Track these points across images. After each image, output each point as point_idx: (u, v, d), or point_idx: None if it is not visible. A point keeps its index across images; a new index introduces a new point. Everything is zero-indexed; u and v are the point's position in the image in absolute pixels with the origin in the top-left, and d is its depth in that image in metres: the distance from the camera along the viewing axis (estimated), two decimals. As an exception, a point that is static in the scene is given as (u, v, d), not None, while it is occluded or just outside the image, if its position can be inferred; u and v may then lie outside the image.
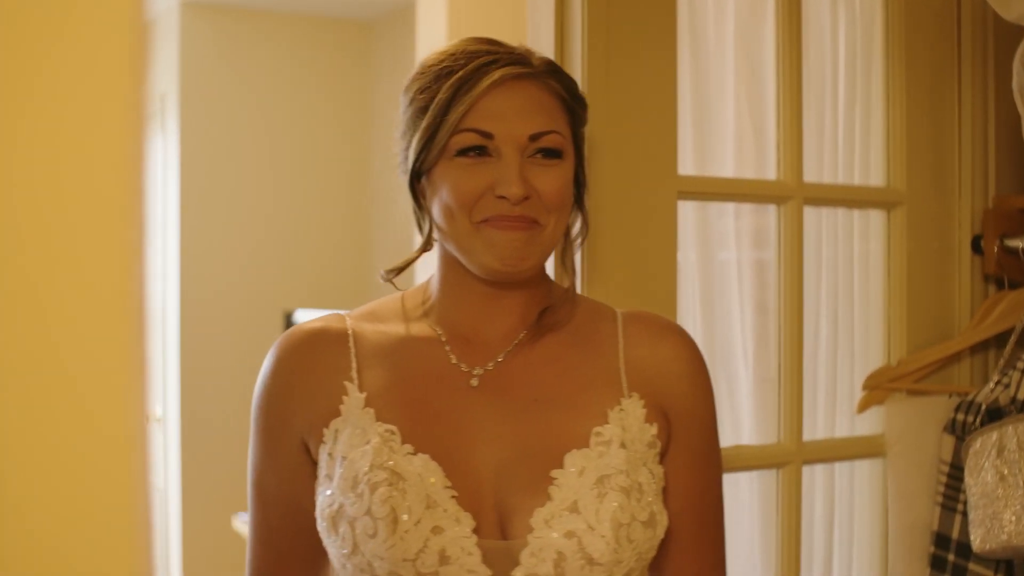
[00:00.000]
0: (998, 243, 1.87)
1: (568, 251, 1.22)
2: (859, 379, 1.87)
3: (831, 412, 1.89)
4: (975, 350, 1.91)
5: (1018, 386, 1.69)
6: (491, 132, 1.12)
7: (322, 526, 1.12)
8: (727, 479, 1.38)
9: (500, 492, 1.12)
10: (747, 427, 1.83)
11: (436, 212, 1.16)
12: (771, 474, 1.78)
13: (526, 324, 1.20)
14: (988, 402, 1.71)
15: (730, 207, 1.84)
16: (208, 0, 4.28)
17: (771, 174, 1.79)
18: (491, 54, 1.14)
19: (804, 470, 1.79)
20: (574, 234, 1.23)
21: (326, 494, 1.12)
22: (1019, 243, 1.86)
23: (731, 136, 1.82)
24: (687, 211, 1.75)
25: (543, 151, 1.14)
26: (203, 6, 4.28)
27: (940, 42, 1.92)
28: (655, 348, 1.21)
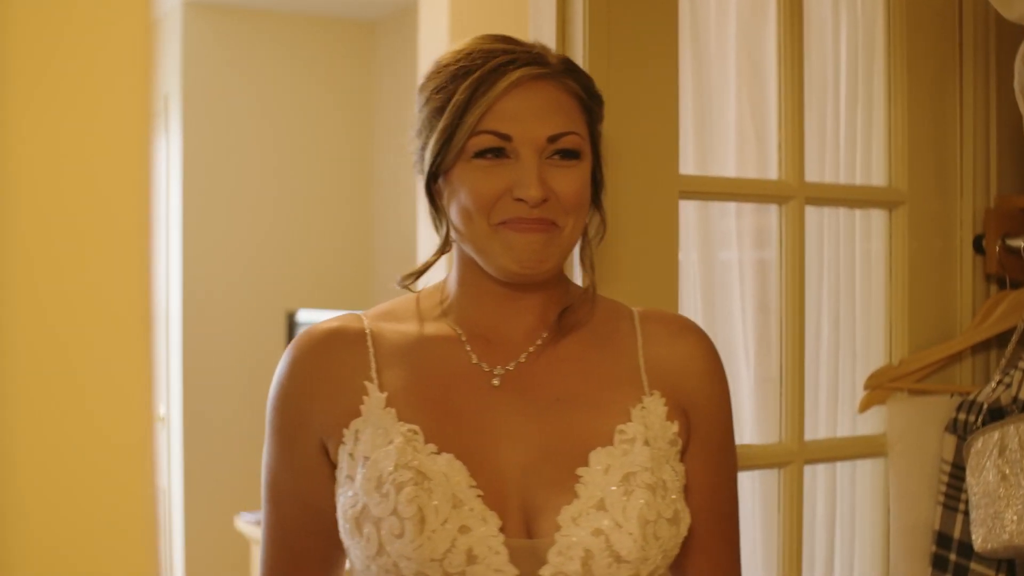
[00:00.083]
0: (1000, 243, 1.87)
1: (587, 250, 1.22)
2: (860, 379, 1.87)
3: (833, 412, 1.89)
4: (976, 350, 1.91)
5: (1019, 386, 1.69)
6: (509, 134, 1.12)
7: (345, 528, 1.11)
8: (728, 478, 1.39)
9: (525, 491, 1.11)
10: (748, 427, 1.83)
11: (454, 214, 1.15)
12: (773, 474, 1.78)
13: (545, 324, 1.20)
14: (990, 402, 1.71)
15: (731, 207, 1.84)
16: (211, 0, 4.28)
17: (773, 174, 1.79)
18: (508, 53, 1.13)
19: (806, 470, 1.79)
20: (592, 233, 1.22)
21: (348, 495, 1.11)
22: (1021, 243, 1.85)
23: (733, 135, 1.82)
24: (688, 211, 1.75)
25: (561, 152, 1.14)
26: (205, 6, 4.28)
27: (942, 42, 1.92)
28: (674, 346, 1.22)
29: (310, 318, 3.99)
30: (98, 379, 0.45)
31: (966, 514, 1.72)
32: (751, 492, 1.83)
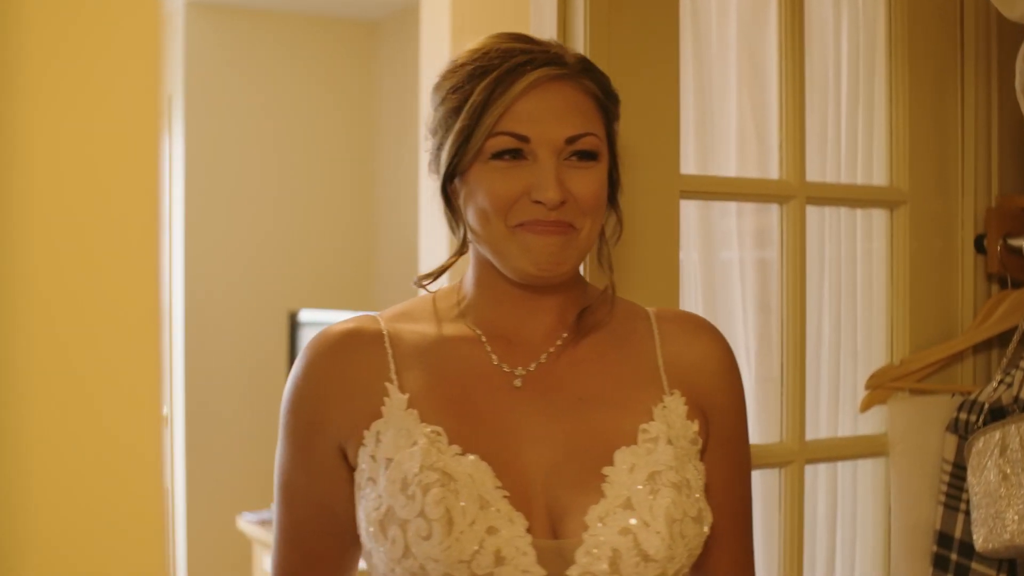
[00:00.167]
0: (1001, 242, 1.87)
1: (604, 250, 1.21)
2: (862, 378, 1.87)
3: (834, 411, 1.89)
4: (978, 349, 1.91)
5: (1021, 385, 1.69)
6: (527, 136, 1.11)
7: (369, 531, 1.10)
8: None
9: (551, 491, 1.11)
10: (750, 426, 1.83)
11: (470, 215, 1.15)
12: (774, 473, 1.78)
13: (565, 324, 1.20)
14: (991, 401, 1.71)
15: (732, 206, 1.84)
16: (212, 0, 4.28)
17: (774, 173, 1.79)
18: (526, 53, 1.13)
19: (807, 469, 1.79)
20: (608, 233, 1.22)
21: (372, 497, 1.11)
22: (1022, 242, 1.86)
23: (733, 135, 1.82)
24: (689, 210, 1.75)
25: (579, 153, 1.13)
26: (207, 6, 4.29)
27: (943, 41, 1.92)
28: (691, 345, 1.23)
29: (312, 318, 3.99)
30: (106, 380, 0.45)
31: (967, 514, 1.72)
32: (752, 492, 1.83)
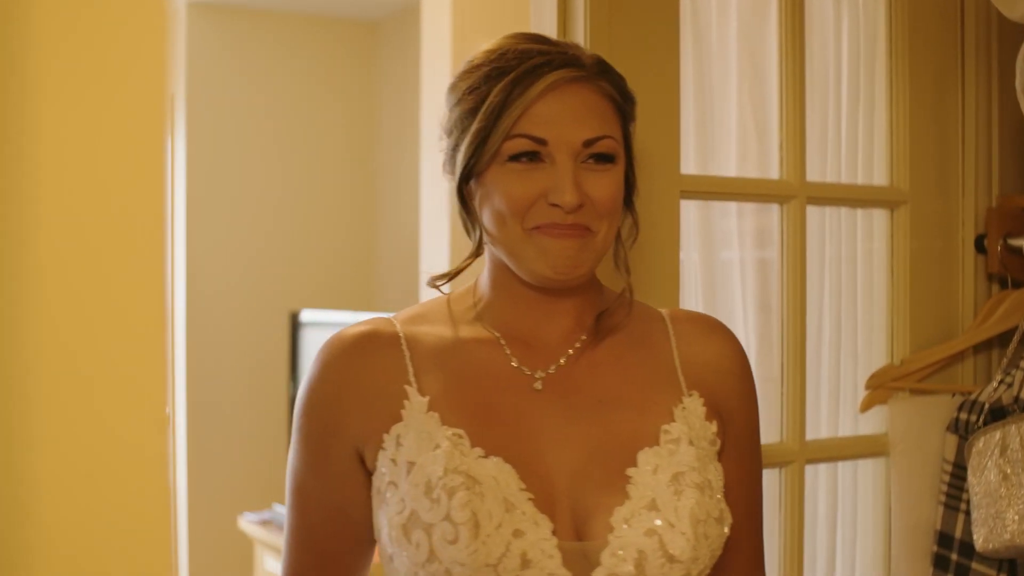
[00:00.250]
0: (1001, 242, 1.87)
1: (620, 252, 1.21)
2: (862, 378, 1.87)
3: (834, 411, 1.89)
4: (978, 349, 1.91)
5: (1021, 385, 1.70)
6: (545, 138, 1.11)
7: (392, 535, 1.09)
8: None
9: (574, 493, 1.11)
10: (750, 426, 1.83)
11: (487, 217, 1.14)
12: (774, 473, 1.78)
13: (582, 326, 1.20)
14: (991, 401, 1.71)
15: (733, 206, 1.84)
16: (214, 1, 4.29)
17: (774, 173, 1.79)
18: (543, 55, 1.12)
19: (807, 469, 1.79)
20: (624, 235, 1.21)
21: (394, 501, 1.10)
22: (1022, 242, 1.86)
23: (734, 135, 1.83)
24: (690, 210, 1.75)
25: (596, 156, 1.13)
26: (208, 6, 4.29)
27: (943, 41, 1.92)
28: (706, 346, 1.23)
29: (313, 318, 3.99)
30: (113, 382, 0.46)
31: (967, 514, 1.72)
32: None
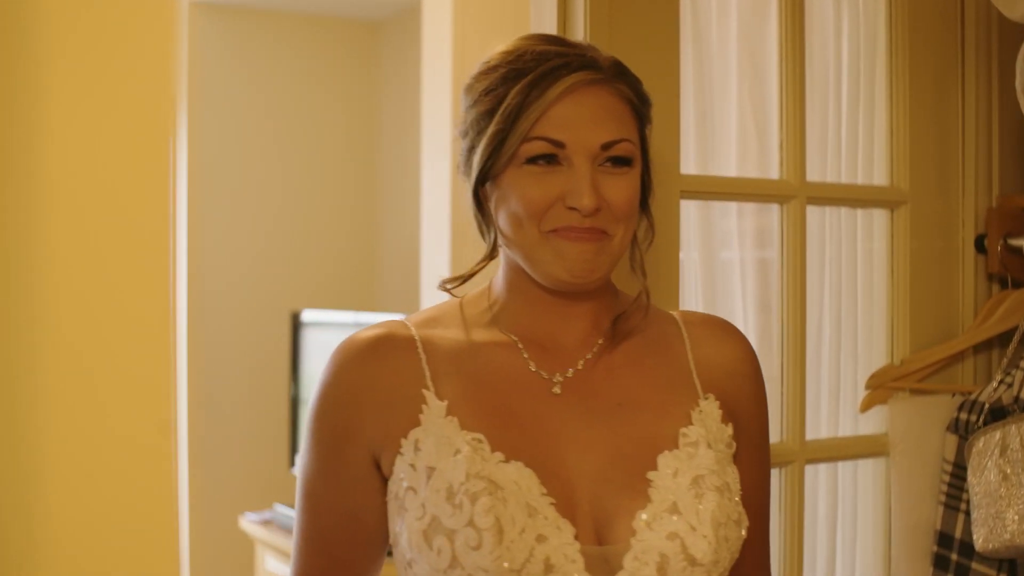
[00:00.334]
0: (1002, 242, 1.87)
1: (636, 254, 1.20)
2: (862, 378, 1.87)
3: (834, 411, 1.89)
4: (978, 349, 1.91)
5: (1021, 385, 1.70)
6: (562, 141, 1.10)
7: (413, 541, 1.08)
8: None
9: (595, 497, 1.10)
10: (750, 426, 1.83)
11: (502, 220, 1.13)
12: (774, 473, 1.78)
13: (599, 330, 1.20)
14: (991, 401, 1.71)
15: (733, 206, 1.84)
16: (216, 1, 4.29)
17: (774, 173, 1.79)
18: (561, 56, 1.11)
19: (807, 469, 1.79)
20: (640, 237, 1.21)
21: (414, 507, 1.09)
22: (1023, 242, 1.86)
23: (734, 135, 1.83)
24: (690, 210, 1.75)
25: (613, 159, 1.12)
26: (211, 6, 4.29)
27: (944, 41, 1.92)
28: (720, 349, 1.23)
29: (315, 318, 4.00)
30: (119, 386, 0.46)
31: (967, 514, 1.72)
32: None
